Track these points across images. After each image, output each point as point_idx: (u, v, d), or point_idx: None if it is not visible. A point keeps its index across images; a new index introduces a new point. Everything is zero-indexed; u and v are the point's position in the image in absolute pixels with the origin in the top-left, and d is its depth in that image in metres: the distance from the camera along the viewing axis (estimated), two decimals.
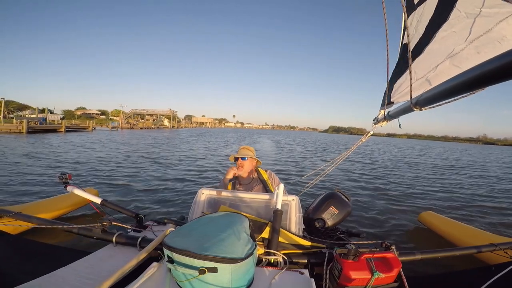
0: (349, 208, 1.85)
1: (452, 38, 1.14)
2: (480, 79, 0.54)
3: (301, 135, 64.50)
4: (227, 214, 1.12)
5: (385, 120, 1.67)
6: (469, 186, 6.81)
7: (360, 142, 2.19)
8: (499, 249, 1.53)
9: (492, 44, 1.01)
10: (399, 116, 1.38)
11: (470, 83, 0.57)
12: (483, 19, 1.06)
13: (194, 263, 0.82)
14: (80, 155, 9.28)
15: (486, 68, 0.51)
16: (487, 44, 1.03)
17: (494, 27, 1.01)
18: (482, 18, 1.06)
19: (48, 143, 13.27)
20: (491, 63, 0.50)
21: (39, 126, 24.20)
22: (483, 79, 0.53)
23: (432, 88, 0.77)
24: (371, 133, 2.04)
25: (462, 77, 0.59)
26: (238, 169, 2.02)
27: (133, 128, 44.67)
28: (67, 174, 1.63)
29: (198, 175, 6.56)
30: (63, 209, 2.83)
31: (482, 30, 1.05)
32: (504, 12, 0.99)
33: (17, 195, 4.11)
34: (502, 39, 0.98)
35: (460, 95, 0.67)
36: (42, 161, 7.58)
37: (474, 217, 4.07)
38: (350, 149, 2.44)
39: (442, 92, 0.71)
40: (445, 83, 0.68)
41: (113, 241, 1.35)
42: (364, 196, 5.04)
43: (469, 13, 1.10)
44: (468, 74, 0.57)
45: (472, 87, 0.58)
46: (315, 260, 1.26)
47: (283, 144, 22.51)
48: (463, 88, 0.61)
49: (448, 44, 1.15)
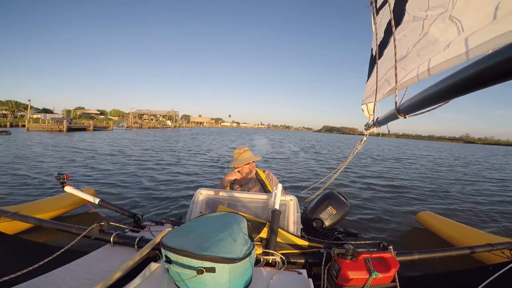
0: (347, 208, 1.85)
1: (403, 41, 1.16)
2: (457, 87, 0.54)
3: (294, 134, 66.86)
4: (225, 214, 1.12)
5: (374, 126, 1.70)
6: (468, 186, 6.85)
7: (356, 150, 2.25)
8: (496, 249, 1.54)
9: (428, 47, 1.03)
10: (387, 122, 1.41)
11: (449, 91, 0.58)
12: (422, 22, 1.08)
13: (192, 263, 0.81)
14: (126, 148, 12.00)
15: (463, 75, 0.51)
16: (425, 47, 1.05)
17: (428, 29, 1.04)
18: (421, 21, 1.09)
19: (90, 139, 16.57)
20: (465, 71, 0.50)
21: (74, 125, 30.04)
22: (459, 87, 0.53)
23: (414, 96, 0.78)
24: (365, 139, 2.10)
25: (440, 85, 0.59)
26: (240, 172, 2.03)
27: (141, 127, 49.55)
28: (64, 174, 1.63)
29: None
30: (61, 209, 2.81)
31: (422, 33, 1.07)
32: (434, 15, 1.02)
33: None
34: (435, 42, 1.00)
35: (439, 103, 0.69)
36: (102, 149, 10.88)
37: (472, 217, 4.09)
38: (348, 159, 2.50)
39: (422, 101, 0.72)
40: (425, 91, 0.69)
41: (111, 241, 1.35)
42: (362, 196, 5.05)
43: (415, 16, 1.12)
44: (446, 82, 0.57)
45: (451, 95, 0.59)
46: (313, 260, 1.27)
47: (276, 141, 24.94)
48: (442, 96, 0.62)
49: (400, 47, 1.18)
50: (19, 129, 27.56)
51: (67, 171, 5.76)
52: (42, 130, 25.42)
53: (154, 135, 26.81)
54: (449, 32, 0.95)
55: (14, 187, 4.41)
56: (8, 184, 4.62)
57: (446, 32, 0.97)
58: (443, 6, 0.98)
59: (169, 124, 69.36)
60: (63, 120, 27.69)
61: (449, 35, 0.96)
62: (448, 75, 0.56)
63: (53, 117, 35.46)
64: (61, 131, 25.35)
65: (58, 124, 26.99)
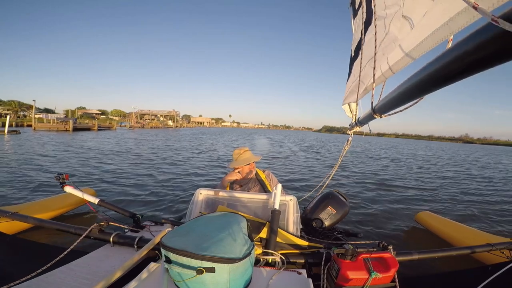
0: (346, 208, 1.85)
1: (373, 41, 1.17)
2: (421, 85, 0.54)
3: (295, 134, 67.70)
4: (225, 214, 1.12)
5: (357, 125, 1.73)
6: (467, 185, 6.85)
7: (344, 151, 2.28)
8: (496, 249, 1.54)
9: (390, 45, 1.04)
10: (367, 122, 1.43)
11: (415, 89, 0.58)
12: (384, 21, 1.09)
13: (191, 263, 0.81)
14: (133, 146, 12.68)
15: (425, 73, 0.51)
16: (388, 46, 1.05)
17: (389, 28, 1.04)
18: (383, 20, 1.10)
19: (97, 139, 17.01)
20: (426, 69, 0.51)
21: (79, 125, 31.29)
22: (425, 84, 0.54)
23: (386, 95, 0.79)
24: (350, 139, 2.13)
25: (408, 83, 0.59)
26: (241, 173, 2.04)
27: (143, 127, 50.72)
28: (64, 174, 1.63)
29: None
30: (60, 209, 2.81)
31: (385, 32, 1.08)
32: (391, 13, 1.03)
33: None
34: (395, 40, 1.01)
35: (410, 101, 0.69)
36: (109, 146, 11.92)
37: (471, 217, 4.10)
38: (338, 160, 2.52)
39: (394, 100, 0.73)
40: (395, 90, 0.69)
41: (110, 241, 1.35)
42: (361, 196, 5.05)
43: (379, 15, 1.13)
44: (411, 81, 0.57)
45: (418, 92, 0.59)
46: (312, 260, 1.27)
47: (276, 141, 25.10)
48: (410, 94, 0.62)
49: (371, 46, 1.18)
50: (24, 128, 27.92)
51: (86, 171, 6.06)
52: (48, 130, 26.27)
53: (156, 134, 27.32)
54: (404, 29, 0.95)
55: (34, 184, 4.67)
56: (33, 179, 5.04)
57: (402, 30, 0.97)
58: (397, 4, 0.99)
59: (170, 124, 70.94)
60: (69, 120, 28.83)
61: (404, 32, 0.96)
62: (415, 73, 0.56)
63: (58, 117, 37.12)
64: (67, 130, 26.22)
65: (64, 124, 28.26)
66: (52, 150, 9.87)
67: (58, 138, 15.93)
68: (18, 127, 29.60)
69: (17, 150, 9.43)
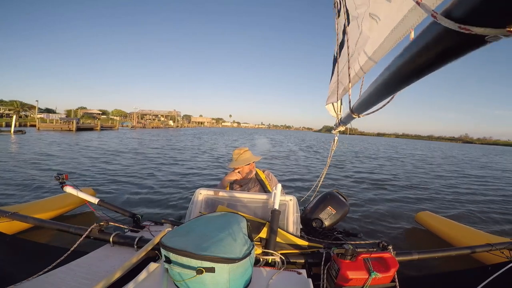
0: (346, 208, 1.85)
1: (351, 41, 1.17)
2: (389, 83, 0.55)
3: (295, 134, 68.03)
4: (225, 214, 1.12)
5: (340, 125, 1.74)
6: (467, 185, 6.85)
7: (332, 151, 2.31)
8: (496, 249, 1.54)
9: (363, 45, 1.04)
10: (349, 122, 1.43)
11: (383, 88, 0.58)
12: (356, 21, 1.10)
13: (191, 263, 0.81)
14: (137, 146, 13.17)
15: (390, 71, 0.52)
16: (362, 46, 1.05)
17: (362, 28, 1.04)
18: (356, 20, 1.10)
19: (101, 139, 17.49)
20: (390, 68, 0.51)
21: (82, 125, 31.93)
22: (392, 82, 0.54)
23: (361, 95, 0.80)
24: (336, 139, 2.15)
25: (376, 83, 0.60)
26: (241, 173, 2.03)
27: (145, 127, 51.16)
28: (63, 174, 1.62)
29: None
30: (60, 209, 2.81)
31: (359, 32, 1.08)
32: (362, 13, 1.02)
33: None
34: (367, 39, 1.00)
35: (381, 100, 0.70)
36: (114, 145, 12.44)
37: (471, 217, 4.10)
38: (327, 162, 2.57)
39: (367, 99, 0.73)
40: (367, 90, 0.70)
41: (110, 241, 1.35)
42: (361, 196, 5.05)
43: (353, 15, 1.13)
44: (379, 80, 0.58)
45: (386, 92, 0.60)
46: (312, 260, 1.27)
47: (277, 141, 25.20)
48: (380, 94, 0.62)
49: (350, 47, 1.19)
50: (28, 128, 27.97)
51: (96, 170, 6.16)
52: (52, 130, 26.76)
53: (158, 134, 27.74)
54: (374, 28, 0.95)
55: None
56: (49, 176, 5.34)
57: (372, 29, 0.97)
58: (365, 3, 0.98)
59: (171, 124, 72.44)
60: (72, 120, 29.68)
61: (373, 31, 0.96)
62: (381, 72, 0.57)
63: (60, 117, 38.03)
64: (71, 130, 26.88)
65: (68, 124, 28.92)
66: (60, 150, 10.24)
67: (64, 138, 16.12)
68: (21, 127, 29.71)
69: (25, 151, 9.60)
